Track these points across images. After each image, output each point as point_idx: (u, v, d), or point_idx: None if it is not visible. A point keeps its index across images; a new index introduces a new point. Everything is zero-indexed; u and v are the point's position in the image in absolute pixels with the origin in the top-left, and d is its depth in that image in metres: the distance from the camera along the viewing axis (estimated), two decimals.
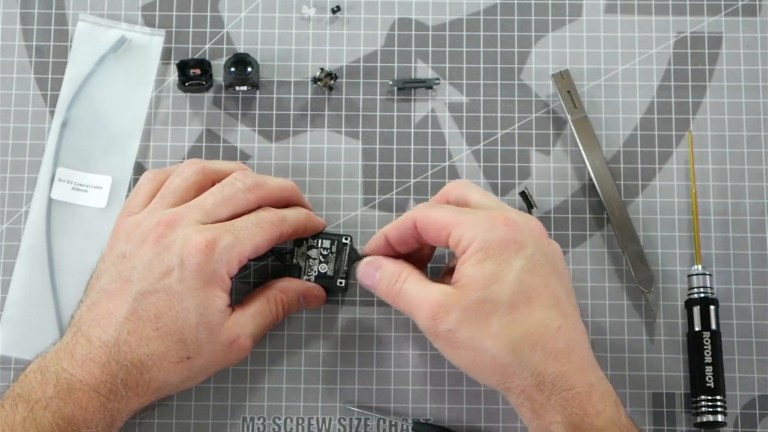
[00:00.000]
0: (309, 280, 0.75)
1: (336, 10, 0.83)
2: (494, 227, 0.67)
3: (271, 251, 0.75)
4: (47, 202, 0.80)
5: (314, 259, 0.75)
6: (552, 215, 0.80)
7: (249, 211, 0.72)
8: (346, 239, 0.75)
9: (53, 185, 0.80)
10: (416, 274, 0.70)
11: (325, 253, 0.75)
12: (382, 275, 0.71)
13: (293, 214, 0.73)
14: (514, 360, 0.65)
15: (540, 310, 0.65)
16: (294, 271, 0.75)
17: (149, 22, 0.83)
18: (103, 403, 0.65)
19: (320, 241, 0.75)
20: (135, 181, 0.79)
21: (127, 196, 0.78)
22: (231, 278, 0.69)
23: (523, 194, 0.79)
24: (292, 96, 0.82)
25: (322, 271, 0.75)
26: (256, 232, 0.70)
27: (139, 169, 0.80)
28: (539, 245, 0.68)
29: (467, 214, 0.68)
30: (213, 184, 0.72)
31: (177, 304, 0.67)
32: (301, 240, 0.75)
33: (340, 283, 0.75)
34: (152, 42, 0.82)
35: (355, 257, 0.74)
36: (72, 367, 0.66)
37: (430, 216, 0.69)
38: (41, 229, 0.79)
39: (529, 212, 0.79)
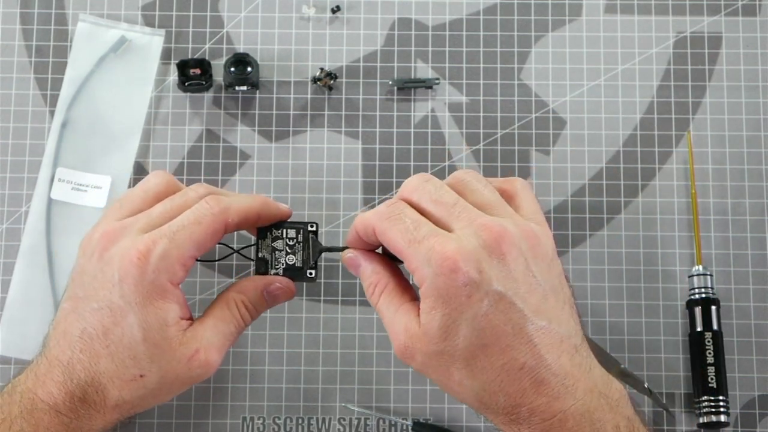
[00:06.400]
0: (277, 273, 0.69)
1: (336, 10, 0.83)
2: (441, 271, 0.60)
3: (234, 248, 0.72)
4: (47, 202, 0.80)
5: (281, 250, 0.69)
6: (552, 215, 0.80)
7: None
8: (312, 226, 0.70)
9: (53, 185, 0.80)
10: (392, 284, 0.65)
11: (291, 243, 0.69)
12: (362, 278, 0.67)
13: (239, 202, 0.67)
14: (481, 406, 0.62)
15: (499, 354, 0.60)
16: (261, 265, 0.69)
17: (149, 22, 0.83)
18: (65, 422, 0.64)
19: (285, 231, 0.69)
20: (135, 181, 0.79)
21: None
22: (177, 284, 0.65)
23: None
24: (291, 96, 0.82)
25: (290, 263, 0.69)
26: (194, 230, 0.65)
27: (139, 169, 0.80)
28: (509, 262, 0.60)
29: (419, 245, 0.61)
30: None
31: (121, 320, 0.63)
32: (265, 231, 0.69)
33: (310, 274, 0.69)
34: (152, 42, 0.82)
35: (320, 248, 0.69)
36: (35, 386, 0.65)
37: (385, 234, 0.63)
38: (41, 229, 0.79)
39: None
